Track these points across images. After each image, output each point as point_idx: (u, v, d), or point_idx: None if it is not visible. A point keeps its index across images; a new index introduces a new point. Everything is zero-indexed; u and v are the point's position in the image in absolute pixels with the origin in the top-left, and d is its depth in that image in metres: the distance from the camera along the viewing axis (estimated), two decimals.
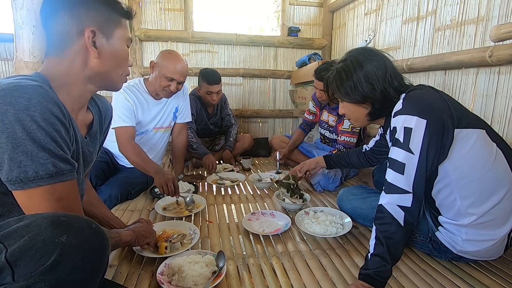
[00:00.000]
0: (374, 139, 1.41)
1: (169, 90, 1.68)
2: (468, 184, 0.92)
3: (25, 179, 0.59)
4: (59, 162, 0.63)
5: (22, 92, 0.59)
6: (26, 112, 0.58)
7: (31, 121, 0.58)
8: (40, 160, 0.60)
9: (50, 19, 0.72)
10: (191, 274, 0.93)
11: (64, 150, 0.64)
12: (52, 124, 0.61)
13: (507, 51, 1.32)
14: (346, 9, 2.93)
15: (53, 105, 0.62)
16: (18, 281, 0.47)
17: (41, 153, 0.60)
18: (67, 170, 0.64)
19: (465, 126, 0.91)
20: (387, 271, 0.86)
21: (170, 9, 3.05)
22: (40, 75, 0.71)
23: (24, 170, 0.59)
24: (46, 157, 0.60)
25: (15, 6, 1.45)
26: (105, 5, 0.74)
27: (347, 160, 1.55)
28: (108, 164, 1.77)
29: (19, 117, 0.58)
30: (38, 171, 0.60)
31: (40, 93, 0.61)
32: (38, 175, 0.60)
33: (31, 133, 0.58)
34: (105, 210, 1.12)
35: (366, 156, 1.47)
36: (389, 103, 1.00)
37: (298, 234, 1.31)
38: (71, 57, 0.73)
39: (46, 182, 0.61)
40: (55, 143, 0.62)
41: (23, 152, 0.58)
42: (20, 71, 1.51)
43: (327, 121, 2.19)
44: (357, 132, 1.98)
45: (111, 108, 1.01)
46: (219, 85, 2.30)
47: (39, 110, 0.59)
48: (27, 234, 0.49)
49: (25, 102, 0.59)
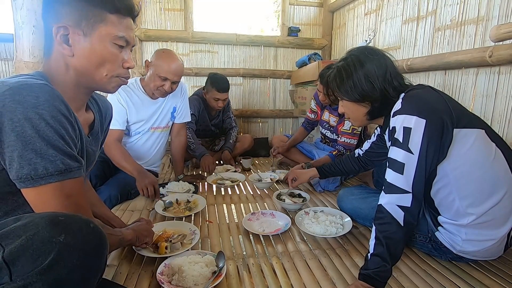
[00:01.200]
0: (369, 141, 1.40)
1: (163, 89, 1.67)
2: (467, 183, 0.92)
3: (36, 176, 0.60)
4: (67, 159, 0.63)
5: (30, 90, 0.60)
6: (35, 110, 0.59)
7: (40, 119, 0.59)
8: (49, 157, 0.60)
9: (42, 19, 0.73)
10: (191, 274, 0.93)
11: (71, 148, 0.65)
12: (59, 121, 0.62)
13: (507, 51, 1.32)
14: (346, 9, 2.93)
15: (59, 103, 0.62)
16: (16, 280, 0.46)
17: (50, 151, 0.60)
18: (75, 167, 0.65)
19: (464, 126, 0.91)
20: (387, 271, 0.86)
21: (170, 9, 3.05)
22: (42, 74, 0.72)
23: (34, 167, 0.59)
24: (55, 154, 0.61)
25: (15, 6, 1.45)
26: (86, 1, 0.69)
27: (340, 167, 1.53)
28: (108, 164, 1.77)
29: (28, 115, 0.58)
30: (48, 168, 0.60)
31: (47, 91, 0.62)
32: (48, 172, 0.61)
33: (40, 131, 0.59)
34: (105, 209, 1.12)
35: (360, 161, 1.45)
36: (388, 103, 1.00)
37: (298, 234, 1.31)
38: (55, 59, 0.73)
39: (56, 179, 0.62)
40: (63, 141, 0.62)
41: (33, 149, 0.59)
42: (20, 71, 1.51)
43: (328, 121, 2.19)
44: (357, 133, 1.97)
45: (111, 107, 1.01)
46: (227, 93, 2.31)
47: (47, 108, 0.60)
48: (24, 234, 0.49)
49: (33, 100, 0.59)
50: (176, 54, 1.71)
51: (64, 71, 0.74)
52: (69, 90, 0.75)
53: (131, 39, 0.76)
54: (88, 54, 0.71)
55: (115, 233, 0.89)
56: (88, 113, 0.86)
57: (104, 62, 0.73)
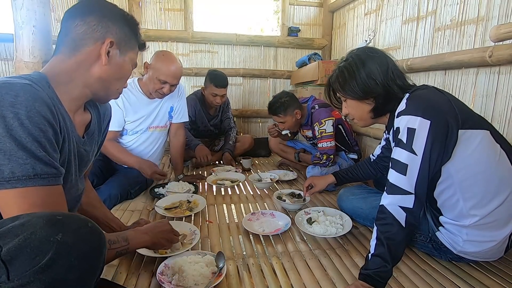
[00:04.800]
0: (379, 146, 1.36)
1: (162, 92, 1.69)
2: (472, 185, 0.92)
3: (1, 179, 0.57)
4: (40, 164, 0.59)
5: (9, 89, 0.59)
6: (10, 109, 0.57)
7: (14, 118, 0.57)
8: (18, 160, 0.57)
9: (75, 20, 0.75)
10: (191, 274, 0.93)
11: (48, 152, 0.61)
12: (36, 123, 0.59)
13: (507, 51, 1.32)
14: (346, 9, 2.92)
15: (41, 104, 0.61)
16: (13, 280, 0.46)
17: (20, 153, 0.57)
18: (49, 174, 0.61)
19: (469, 127, 0.90)
20: (387, 271, 0.86)
21: (170, 9, 3.05)
22: (39, 74, 0.72)
23: (0, 169, 0.56)
24: (25, 157, 0.57)
25: (15, 6, 1.44)
26: (129, 29, 0.82)
27: (358, 172, 1.45)
28: (105, 163, 1.77)
29: (3, 113, 0.56)
30: (14, 172, 0.57)
31: (28, 91, 0.60)
32: (15, 175, 0.57)
33: (12, 130, 0.56)
34: (105, 210, 1.11)
35: (377, 165, 1.39)
36: (392, 99, 1.00)
37: (298, 234, 1.31)
38: (80, 59, 0.75)
39: (23, 184, 0.58)
40: (37, 143, 0.59)
41: (1, 150, 0.56)
42: (20, 71, 1.51)
43: (305, 135, 2.21)
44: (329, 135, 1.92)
45: (110, 108, 1.01)
46: (226, 88, 2.33)
47: (25, 107, 0.58)
48: (22, 233, 0.49)
49: (11, 99, 0.58)
50: (175, 56, 1.72)
51: (82, 71, 0.76)
52: (74, 89, 0.76)
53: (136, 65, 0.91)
54: (117, 68, 0.81)
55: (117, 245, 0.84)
56: (86, 113, 0.86)
57: (122, 77, 0.85)
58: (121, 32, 0.80)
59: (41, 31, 1.48)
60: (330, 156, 1.92)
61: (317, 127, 1.95)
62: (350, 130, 2.11)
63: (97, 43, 0.76)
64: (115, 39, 0.78)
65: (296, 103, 2.01)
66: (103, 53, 0.76)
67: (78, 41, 0.75)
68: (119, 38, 0.79)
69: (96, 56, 0.76)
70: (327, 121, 1.93)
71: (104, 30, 0.76)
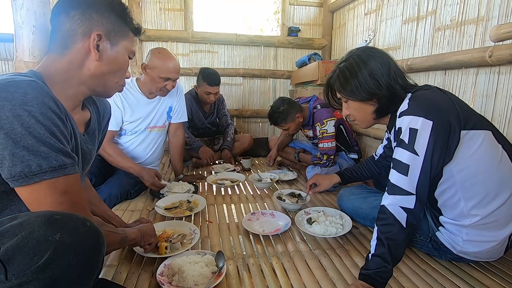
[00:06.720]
0: (381, 145, 1.35)
1: (166, 89, 1.71)
2: (473, 185, 0.91)
3: (29, 173, 0.59)
4: (61, 155, 0.62)
5: (17, 87, 0.59)
6: (23, 107, 0.58)
7: (29, 116, 0.58)
8: (42, 154, 0.60)
9: (60, 16, 0.74)
10: (191, 274, 0.93)
11: (64, 144, 0.64)
12: (50, 118, 0.61)
13: (507, 51, 1.32)
14: (346, 9, 2.92)
15: (49, 99, 0.62)
16: (11, 279, 0.46)
17: (42, 147, 0.59)
18: (69, 163, 0.64)
19: (472, 127, 0.90)
20: (387, 271, 0.85)
21: (170, 9, 3.05)
22: (34, 73, 0.71)
23: (27, 164, 0.58)
24: (47, 151, 0.60)
25: (15, 6, 1.44)
26: (117, 16, 0.78)
27: (362, 171, 1.43)
28: (104, 162, 1.77)
29: (17, 112, 0.57)
30: (41, 165, 0.60)
31: (35, 88, 0.61)
32: (42, 168, 0.60)
33: (30, 128, 0.58)
34: (105, 208, 1.11)
35: (381, 163, 1.38)
36: (395, 99, 0.99)
37: (298, 234, 1.31)
38: (71, 56, 0.74)
39: (50, 176, 0.61)
40: (54, 137, 0.62)
41: (24, 147, 0.58)
42: (20, 71, 1.50)
43: (306, 135, 2.22)
44: (331, 135, 1.92)
45: (109, 106, 1.01)
46: (218, 86, 2.35)
47: (36, 104, 0.59)
48: (20, 233, 0.49)
49: (21, 97, 0.58)
50: (169, 51, 1.74)
51: (75, 69, 0.75)
52: (70, 88, 0.76)
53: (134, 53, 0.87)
54: (111, 62, 0.78)
55: (117, 232, 0.88)
56: (85, 111, 0.86)
57: (119, 70, 0.81)
58: (108, 22, 0.76)
59: (41, 31, 1.47)
60: (330, 157, 1.92)
61: (319, 127, 1.95)
62: (350, 130, 2.11)
63: (84, 38, 0.74)
64: (102, 31, 0.74)
65: (295, 108, 2.01)
66: (92, 48, 0.74)
67: (66, 38, 0.74)
68: (107, 29, 0.76)
69: (86, 52, 0.74)
70: (328, 122, 1.93)
71: (89, 23, 0.73)
